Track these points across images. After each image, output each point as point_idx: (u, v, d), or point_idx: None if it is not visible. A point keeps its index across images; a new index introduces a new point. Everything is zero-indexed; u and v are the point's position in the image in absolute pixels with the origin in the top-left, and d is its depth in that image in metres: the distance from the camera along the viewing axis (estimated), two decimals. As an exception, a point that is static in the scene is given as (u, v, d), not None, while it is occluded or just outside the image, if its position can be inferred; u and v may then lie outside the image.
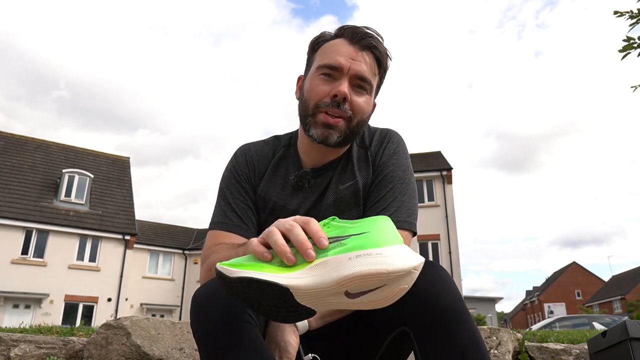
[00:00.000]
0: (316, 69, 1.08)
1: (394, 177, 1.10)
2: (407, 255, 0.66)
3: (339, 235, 0.68)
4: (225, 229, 1.08)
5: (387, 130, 1.20)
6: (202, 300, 0.84)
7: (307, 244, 0.67)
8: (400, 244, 0.67)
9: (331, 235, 0.69)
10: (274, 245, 0.68)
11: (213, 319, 0.81)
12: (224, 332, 0.80)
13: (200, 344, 0.84)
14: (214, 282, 0.88)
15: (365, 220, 0.70)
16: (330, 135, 1.05)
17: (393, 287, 0.65)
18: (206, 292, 0.85)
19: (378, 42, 1.08)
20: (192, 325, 0.85)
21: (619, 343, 1.73)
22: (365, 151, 1.16)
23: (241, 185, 1.14)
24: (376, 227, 0.68)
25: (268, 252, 0.68)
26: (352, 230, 0.68)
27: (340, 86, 1.03)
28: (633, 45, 2.16)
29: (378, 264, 0.63)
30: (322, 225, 0.71)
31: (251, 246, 0.70)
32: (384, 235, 0.67)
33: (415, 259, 0.66)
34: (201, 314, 0.83)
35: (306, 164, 1.16)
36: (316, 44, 1.13)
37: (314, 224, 0.69)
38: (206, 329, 0.81)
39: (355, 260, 0.64)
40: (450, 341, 0.79)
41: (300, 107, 1.12)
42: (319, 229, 0.69)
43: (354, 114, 1.06)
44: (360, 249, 0.65)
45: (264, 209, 1.14)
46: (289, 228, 0.69)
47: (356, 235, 0.67)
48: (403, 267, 0.64)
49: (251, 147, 1.21)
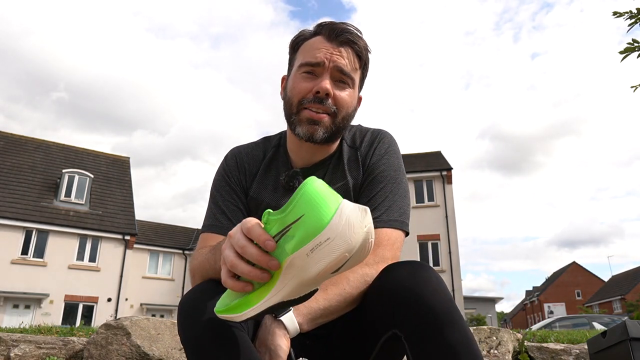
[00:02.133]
0: (297, 67, 1.09)
1: (385, 177, 1.10)
2: (350, 222, 0.64)
3: (281, 229, 0.68)
4: (214, 231, 1.09)
5: (378, 130, 1.20)
6: (188, 307, 0.84)
7: (265, 258, 0.68)
8: (335, 207, 0.65)
9: (274, 232, 0.69)
10: (244, 276, 0.70)
11: (199, 325, 0.81)
12: (211, 338, 0.80)
13: (187, 350, 0.84)
14: (200, 287, 0.89)
15: (294, 198, 0.67)
16: (316, 132, 1.05)
17: (360, 252, 0.67)
18: (192, 297, 0.86)
19: (356, 37, 1.08)
20: (180, 331, 0.85)
21: (619, 343, 1.73)
22: (356, 152, 1.16)
23: (231, 187, 1.15)
24: (307, 204, 0.66)
25: (247, 285, 0.71)
26: (290, 218, 0.67)
27: (322, 82, 1.04)
28: (634, 48, 2.16)
29: (333, 250, 0.64)
30: (264, 224, 0.71)
31: (227, 285, 0.72)
32: (318, 211, 0.65)
33: (358, 219, 0.65)
34: (188, 320, 0.83)
35: (296, 163, 1.16)
36: (296, 43, 1.13)
37: (255, 230, 0.69)
38: (193, 335, 0.82)
39: (312, 256, 0.65)
40: (441, 343, 0.78)
41: (285, 107, 1.12)
42: (260, 232, 0.69)
43: (339, 109, 1.06)
44: (309, 240, 0.65)
45: (256, 210, 1.14)
46: (241, 250, 0.70)
47: (296, 223, 0.66)
48: (356, 240, 0.65)
49: (241, 149, 1.21)
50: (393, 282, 0.85)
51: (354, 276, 0.92)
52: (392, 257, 1.00)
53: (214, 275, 0.92)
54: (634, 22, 2.21)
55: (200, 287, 0.90)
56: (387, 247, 1.01)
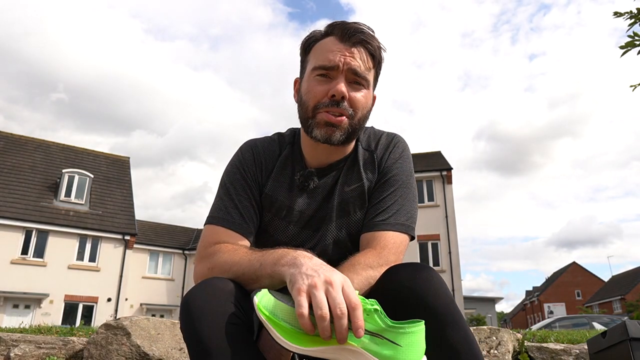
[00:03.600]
0: (311, 70, 1.08)
1: (397, 180, 1.11)
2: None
3: (374, 331, 0.73)
4: (226, 225, 1.06)
5: (392, 134, 1.20)
6: (192, 304, 0.83)
7: (345, 334, 0.72)
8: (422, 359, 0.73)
9: (368, 328, 0.73)
10: (321, 330, 0.73)
11: (203, 323, 0.80)
12: (215, 337, 0.79)
13: (190, 348, 0.82)
14: (205, 284, 0.86)
15: (403, 327, 0.73)
16: (334, 134, 1.04)
17: None
18: (196, 295, 0.84)
19: (369, 37, 1.07)
20: (182, 329, 0.84)
21: (618, 343, 1.73)
22: (372, 154, 1.16)
23: (246, 182, 1.12)
24: (411, 343, 0.72)
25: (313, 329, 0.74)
26: (388, 335, 0.72)
27: (337, 85, 1.03)
28: (635, 43, 2.16)
29: None
30: (365, 311, 0.74)
31: (302, 320, 0.74)
32: (412, 355, 0.72)
33: None
34: (191, 318, 0.81)
35: (311, 163, 1.15)
36: (308, 45, 1.12)
37: (358, 313, 0.73)
38: (196, 333, 0.80)
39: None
40: (443, 343, 0.78)
41: (300, 110, 1.11)
42: (360, 319, 0.72)
43: (355, 111, 1.06)
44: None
45: (269, 208, 1.12)
46: (337, 315, 0.72)
47: (389, 343, 0.72)
48: None
49: (257, 143, 1.19)
50: (395, 283, 0.86)
51: (358, 279, 0.92)
52: (396, 260, 1.01)
53: (250, 276, 0.90)
54: (634, 22, 2.21)
55: (205, 283, 0.87)
56: (392, 250, 1.02)
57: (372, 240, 1.04)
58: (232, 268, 0.93)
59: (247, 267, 0.91)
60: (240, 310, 0.84)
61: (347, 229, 1.11)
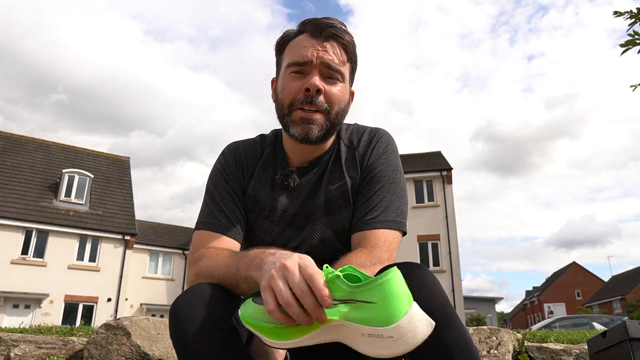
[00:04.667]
0: (285, 67, 1.08)
1: (383, 176, 1.10)
2: (417, 327, 0.66)
3: (344, 298, 0.68)
4: (213, 229, 1.06)
5: (376, 129, 1.19)
6: (180, 310, 0.82)
7: (319, 312, 0.68)
8: (406, 310, 0.67)
9: (337, 296, 0.69)
10: (294, 317, 0.70)
11: (191, 328, 0.79)
12: (203, 342, 0.78)
13: (179, 354, 0.82)
14: (193, 290, 0.86)
15: (372, 282, 0.68)
16: (311, 131, 1.04)
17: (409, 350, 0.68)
18: (185, 301, 0.84)
19: (341, 31, 1.07)
20: (171, 335, 0.83)
21: (619, 343, 1.73)
22: (353, 151, 1.15)
23: (230, 185, 1.13)
24: (384, 295, 0.66)
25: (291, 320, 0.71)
26: (359, 296, 0.67)
27: (311, 79, 1.02)
28: (636, 41, 2.16)
29: (391, 348, 0.66)
30: (327, 281, 0.70)
31: (274, 316, 0.71)
32: (392, 306, 0.66)
33: (423, 329, 0.67)
34: (180, 324, 0.81)
35: (293, 162, 1.15)
36: (281, 44, 1.12)
37: (317, 282, 0.69)
38: (185, 340, 0.80)
39: (367, 339, 0.67)
40: (437, 343, 0.77)
41: (277, 109, 1.11)
42: (322, 287, 0.69)
43: (331, 105, 1.05)
44: (370, 326, 0.66)
45: (253, 208, 1.13)
46: (300, 294, 0.69)
47: (363, 304, 0.67)
48: (414, 343, 0.67)
49: (239, 145, 1.20)
50: None
51: None
52: (389, 257, 1.00)
53: (230, 282, 0.89)
54: (634, 21, 2.21)
55: (194, 288, 0.87)
56: (384, 248, 1.00)
57: (363, 239, 1.02)
58: (213, 273, 0.93)
59: (225, 272, 0.91)
60: (227, 315, 0.84)
61: (333, 228, 1.10)
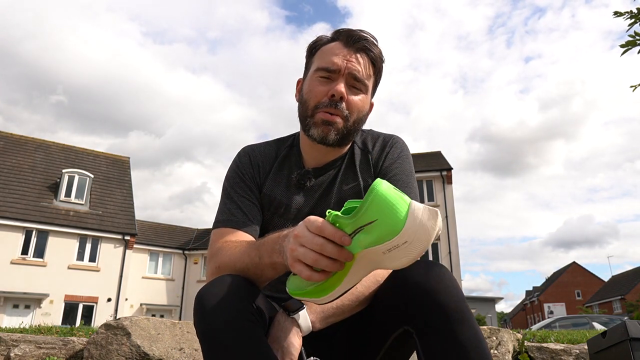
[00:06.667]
0: (314, 71, 1.13)
1: (397, 180, 1.13)
2: (423, 222, 0.67)
3: (354, 229, 0.70)
4: (230, 225, 1.09)
5: (390, 135, 1.24)
6: (206, 300, 0.85)
7: (343, 253, 0.71)
8: (406, 210, 0.68)
9: (348, 232, 0.71)
10: (327, 269, 0.72)
11: (217, 318, 0.82)
12: (228, 332, 0.81)
13: (203, 343, 0.85)
14: (218, 281, 0.89)
15: (365, 202, 0.69)
16: (329, 133, 1.09)
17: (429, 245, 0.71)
18: (210, 291, 0.86)
19: (372, 45, 1.12)
20: (196, 324, 0.85)
21: (619, 343, 1.73)
22: (367, 154, 1.19)
23: (246, 184, 1.16)
24: (379, 209, 0.68)
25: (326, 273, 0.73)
26: (362, 221, 0.69)
27: (337, 86, 1.07)
28: (636, 42, 2.16)
29: (411, 251, 0.68)
30: (334, 224, 0.72)
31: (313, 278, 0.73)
32: (390, 215, 0.67)
33: (430, 222, 0.68)
34: (205, 313, 0.83)
35: (308, 163, 1.19)
36: (314, 47, 1.17)
37: (327, 229, 0.71)
38: (210, 328, 0.82)
39: (390, 255, 0.69)
40: (453, 341, 0.80)
41: (300, 109, 1.16)
42: (334, 230, 0.71)
43: (351, 113, 1.10)
44: (384, 241, 0.68)
45: (268, 207, 1.16)
46: (319, 248, 0.71)
47: (369, 225, 0.69)
48: (429, 238, 0.68)
49: (254, 147, 1.24)
50: (406, 280, 0.87)
51: (366, 276, 0.93)
52: None
53: (255, 270, 0.92)
54: (634, 21, 2.21)
55: (219, 280, 0.90)
56: None
57: None
58: (236, 264, 0.95)
59: (249, 262, 0.93)
60: (252, 305, 0.86)
61: None
